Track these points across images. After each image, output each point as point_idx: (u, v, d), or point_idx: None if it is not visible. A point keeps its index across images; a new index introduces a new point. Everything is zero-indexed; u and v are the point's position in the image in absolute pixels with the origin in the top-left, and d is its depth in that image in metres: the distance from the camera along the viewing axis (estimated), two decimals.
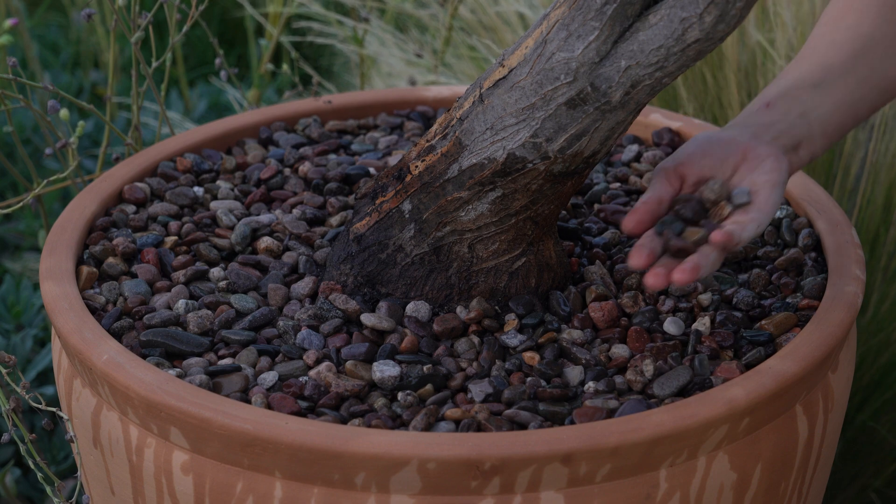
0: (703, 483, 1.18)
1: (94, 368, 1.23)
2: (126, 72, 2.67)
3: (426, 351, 1.28)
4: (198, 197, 1.49)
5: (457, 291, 1.32)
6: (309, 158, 1.57)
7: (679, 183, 1.26)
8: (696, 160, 1.26)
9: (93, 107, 1.63)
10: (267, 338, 1.30)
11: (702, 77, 2.01)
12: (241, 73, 2.86)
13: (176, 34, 1.70)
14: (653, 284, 1.20)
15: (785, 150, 1.27)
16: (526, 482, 1.14)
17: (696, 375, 1.23)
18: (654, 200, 1.25)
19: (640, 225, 1.24)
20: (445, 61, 2.27)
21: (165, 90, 1.73)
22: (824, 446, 1.29)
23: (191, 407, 1.17)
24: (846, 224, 1.40)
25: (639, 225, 1.24)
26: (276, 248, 1.41)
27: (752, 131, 1.28)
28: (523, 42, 1.25)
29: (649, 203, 1.24)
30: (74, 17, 2.85)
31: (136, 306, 1.33)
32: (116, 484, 1.26)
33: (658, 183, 1.26)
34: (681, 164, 1.26)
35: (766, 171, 1.24)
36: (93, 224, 1.44)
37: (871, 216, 1.95)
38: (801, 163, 1.29)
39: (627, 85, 1.20)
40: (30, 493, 1.97)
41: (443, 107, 1.68)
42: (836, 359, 1.30)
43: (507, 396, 1.22)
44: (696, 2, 1.16)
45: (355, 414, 1.20)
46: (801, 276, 1.37)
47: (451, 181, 1.29)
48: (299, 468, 1.15)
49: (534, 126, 1.24)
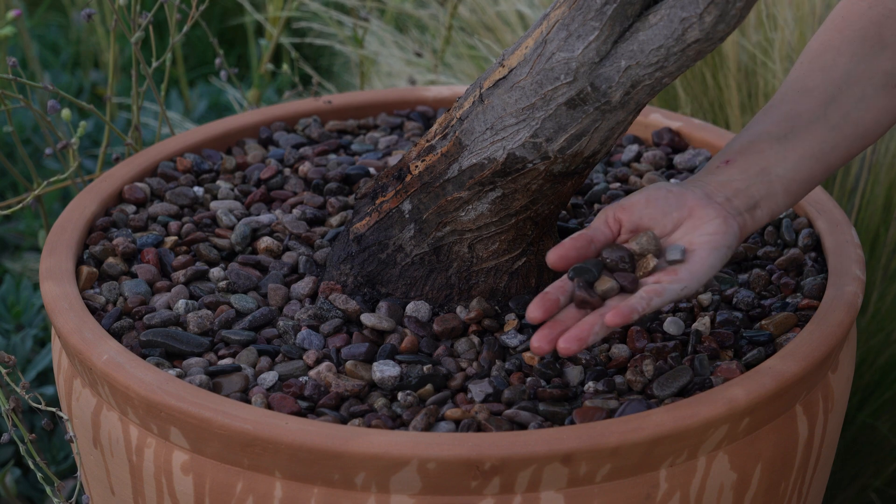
0: (703, 483, 1.18)
1: (94, 368, 1.23)
2: (126, 72, 2.67)
3: (426, 351, 1.28)
4: (198, 197, 1.49)
5: (457, 291, 1.32)
6: (309, 158, 1.57)
7: (618, 227, 1.22)
8: (637, 207, 1.21)
9: (93, 107, 1.63)
10: (267, 338, 1.30)
11: (701, 77, 2.01)
12: (241, 73, 2.86)
13: (176, 34, 1.70)
14: (537, 348, 1.15)
15: (738, 211, 1.21)
16: (526, 482, 1.14)
17: (696, 375, 1.23)
18: (585, 238, 1.20)
19: (562, 260, 1.18)
20: (445, 61, 2.27)
21: (165, 90, 1.73)
22: (824, 446, 1.29)
23: (191, 407, 1.17)
24: (846, 224, 1.40)
25: (561, 260, 1.18)
26: (276, 248, 1.41)
27: (707, 190, 1.22)
28: (523, 42, 1.25)
29: (578, 240, 1.19)
30: (74, 17, 2.85)
31: (136, 306, 1.33)
32: (116, 484, 1.26)
33: (596, 223, 1.22)
34: (621, 208, 1.21)
35: (708, 231, 1.19)
36: (93, 224, 1.44)
37: (871, 216, 1.95)
38: (757, 224, 1.23)
39: (627, 85, 1.20)
40: (30, 493, 1.97)
41: (443, 107, 1.68)
42: (836, 359, 1.30)
43: (507, 396, 1.22)
44: (696, 2, 1.16)
45: (355, 414, 1.20)
46: (801, 276, 1.37)
47: (451, 181, 1.29)
48: (299, 468, 1.15)
49: (534, 126, 1.24)
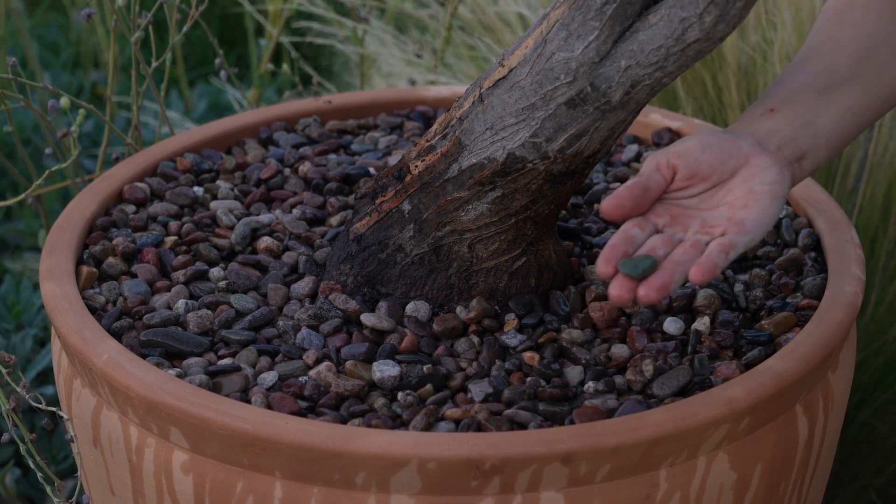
0: (703, 483, 1.18)
1: (94, 368, 1.23)
2: (126, 72, 2.67)
3: (426, 351, 1.28)
4: (198, 197, 1.50)
5: (457, 291, 1.32)
6: (309, 158, 1.57)
7: (671, 175, 1.17)
8: (693, 154, 1.17)
9: (93, 107, 1.63)
10: (267, 338, 1.30)
11: (701, 78, 2.01)
12: (241, 73, 2.86)
13: (176, 34, 1.70)
14: (617, 296, 1.11)
15: (788, 161, 1.20)
16: (526, 482, 1.14)
17: (696, 375, 1.23)
18: (640, 187, 1.15)
19: (618, 209, 1.14)
20: (445, 61, 2.27)
21: (165, 90, 1.73)
22: (824, 446, 1.29)
23: (191, 407, 1.17)
24: (846, 224, 1.40)
25: (617, 209, 1.14)
26: (276, 248, 1.41)
27: (757, 136, 1.20)
28: (523, 42, 1.25)
29: (633, 189, 1.15)
30: (74, 17, 2.85)
31: (136, 306, 1.33)
32: (116, 484, 1.26)
33: (647, 170, 1.17)
34: (675, 154, 1.17)
35: (767, 180, 1.16)
36: (93, 224, 1.44)
37: (870, 216, 1.95)
38: (803, 175, 1.21)
39: (627, 85, 1.20)
40: (30, 493, 1.97)
41: (443, 107, 1.68)
42: (836, 359, 1.30)
43: (506, 396, 1.22)
44: (696, 2, 1.16)
45: (355, 414, 1.20)
46: (801, 275, 1.37)
47: (451, 181, 1.29)
48: (299, 468, 1.15)
49: (534, 126, 1.24)
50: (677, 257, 1.14)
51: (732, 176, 1.18)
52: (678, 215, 1.18)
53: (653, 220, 1.17)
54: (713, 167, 1.17)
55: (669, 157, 1.17)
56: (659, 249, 1.14)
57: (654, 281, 1.11)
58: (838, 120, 1.22)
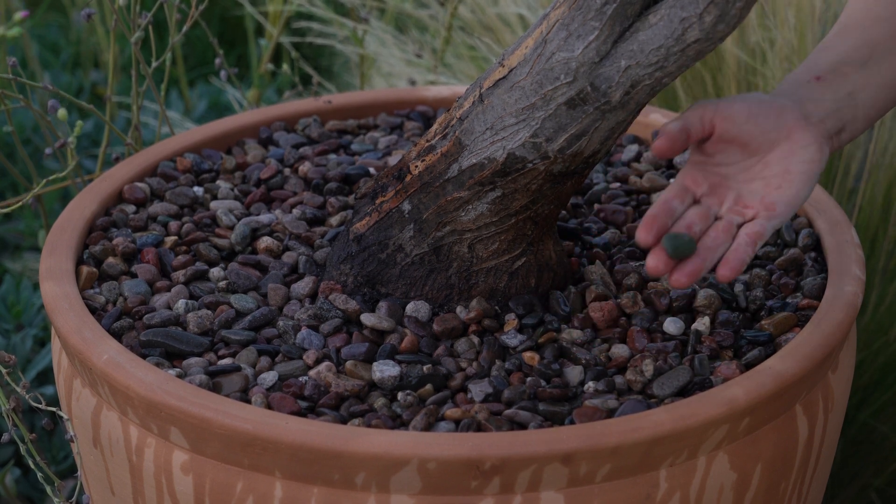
0: (703, 483, 1.18)
1: (94, 368, 1.23)
2: (126, 72, 2.67)
3: (426, 351, 1.28)
4: (198, 197, 1.50)
5: (457, 291, 1.32)
6: (309, 158, 1.57)
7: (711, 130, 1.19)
8: (738, 121, 1.18)
9: (93, 107, 1.63)
10: (267, 338, 1.30)
11: (701, 78, 2.01)
12: (241, 73, 2.86)
13: (176, 34, 1.70)
14: (654, 267, 1.15)
15: (829, 133, 1.21)
16: (526, 482, 1.14)
17: (696, 375, 1.23)
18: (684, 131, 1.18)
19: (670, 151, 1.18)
20: (445, 61, 2.27)
21: (165, 90, 1.73)
22: (824, 446, 1.29)
23: (191, 407, 1.17)
24: (846, 224, 1.40)
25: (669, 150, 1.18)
26: (276, 248, 1.41)
27: (804, 109, 1.20)
28: (523, 42, 1.25)
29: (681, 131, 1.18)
30: (74, 17, 2.85)
31: (136, 306, 1.33)
32: (116, 484, 1.26)
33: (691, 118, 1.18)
34: (721, 116, 1.19)
35: (804, 159, 1.18)
36: (93, 224, 1.44)
37: (870, 216, 1.95)
38: (840, 146, 1.23)
39: (627, 85, 1.20)
40: (30, 493, 1.97)
41: (443, 107, 1.68)
42: (836, 359, 1.30)
43: (506, 396, 1.22)
44: (696, 2, 1.16)
45: (355, 414, 1.20)
46: (801, 276, 1.37)
47: (451, 181, 1.29)
48: (299, 468, 1.15)
49: (534, 126, 1.24)
50: (710, 242, 1.19)
51: (772, 148, 1.20)
52: (716, 185, 1.22)
53: (692, 189, 1.22)
54: (754, 136, 1.19)
55: (714, 116, 1.20)
56: (696, 226, 1.19)
57: (687, 267, 1.17)
58: (877, 93, 1.25)
